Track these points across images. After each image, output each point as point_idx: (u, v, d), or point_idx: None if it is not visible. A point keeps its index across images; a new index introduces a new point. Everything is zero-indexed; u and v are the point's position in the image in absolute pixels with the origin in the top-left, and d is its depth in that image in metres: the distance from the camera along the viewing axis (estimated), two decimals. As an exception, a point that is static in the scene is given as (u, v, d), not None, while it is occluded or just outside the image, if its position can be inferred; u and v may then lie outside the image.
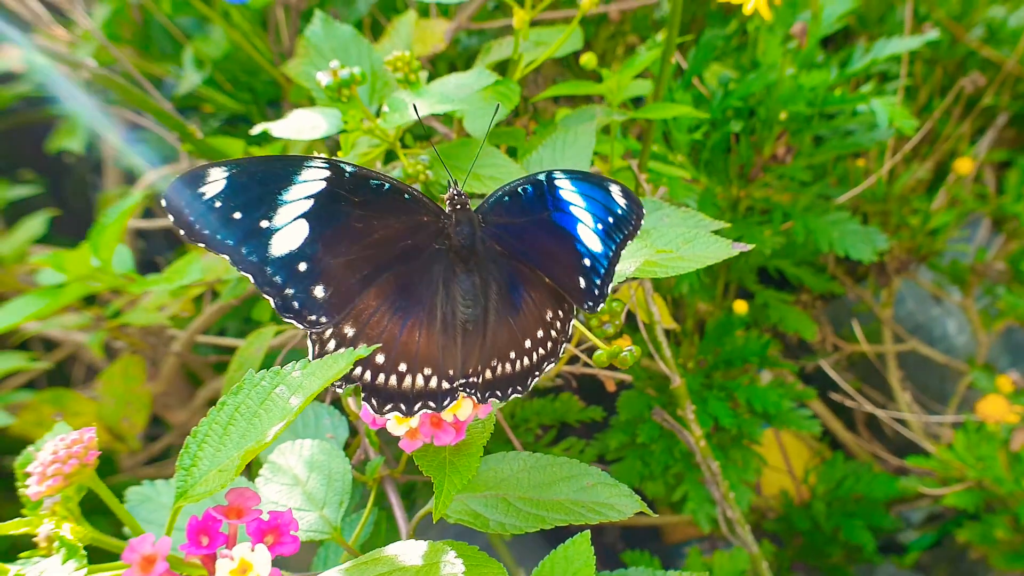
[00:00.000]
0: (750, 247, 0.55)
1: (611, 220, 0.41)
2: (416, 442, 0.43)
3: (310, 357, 0.40)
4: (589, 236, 0.42)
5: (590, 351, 0.67)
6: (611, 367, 0.84)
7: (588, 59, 0.77)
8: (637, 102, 0.87)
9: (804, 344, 1.23)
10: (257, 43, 1.00)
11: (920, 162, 1.01)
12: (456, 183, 0.47)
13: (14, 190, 1.04)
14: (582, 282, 0.42)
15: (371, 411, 0.42)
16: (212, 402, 1.11)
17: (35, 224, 0.95)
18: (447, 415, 0.42)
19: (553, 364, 0.44)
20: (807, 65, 0.85)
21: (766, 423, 0.98)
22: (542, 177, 0.43)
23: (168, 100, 1.00)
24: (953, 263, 1.15)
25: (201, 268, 0.69)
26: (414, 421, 0.42)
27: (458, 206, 0.45)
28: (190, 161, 1.05)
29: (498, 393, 0.42)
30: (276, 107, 1.20)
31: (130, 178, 1.32)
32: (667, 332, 0.86)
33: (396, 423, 0.42)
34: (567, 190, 0.43)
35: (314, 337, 0.41)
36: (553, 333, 0.43)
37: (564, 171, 0.43)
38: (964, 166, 0.99)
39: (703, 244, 0.55)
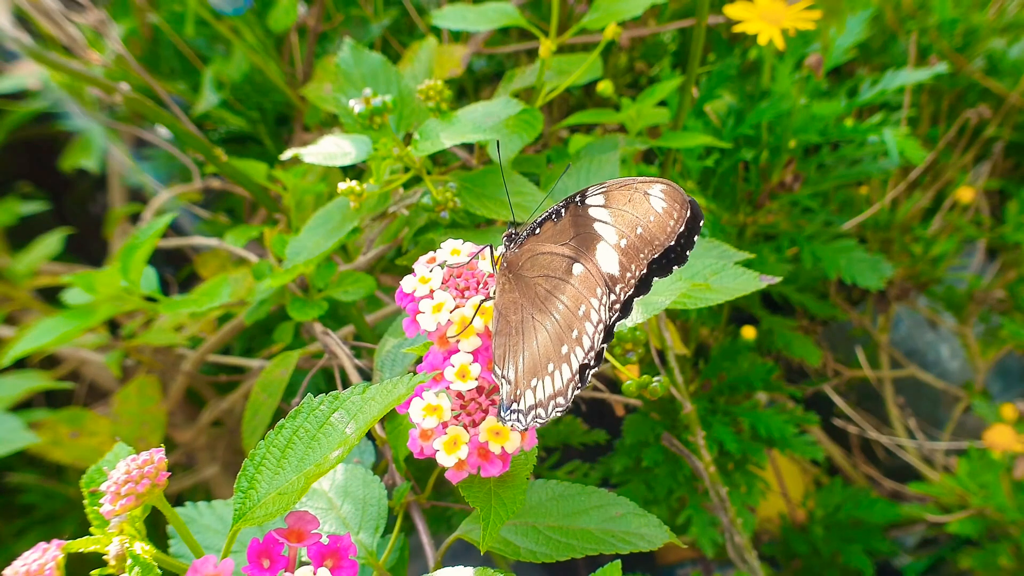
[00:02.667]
0: (777, 279, 0.56)
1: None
2: (462, 473, 0.44)
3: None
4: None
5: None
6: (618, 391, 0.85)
7: (605, 87, 0.78)
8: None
9: (801, 369, 1.25)
10: (271, 65, 1.01)
11: (922, 191, 1.03)
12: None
13: (24, 206, 1.04)
14: None
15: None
16: (217, 423, 1.12)
17: (51, 242, 0.95)
18: (495, 447, 0.43)
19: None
20: (817, 95, 0.87)
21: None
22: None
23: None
24: (948, 289, 1.17)
25: (231, 291, 0.69)
26: (462, 452, 0.43)
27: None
28: (204, 180, 1.05)
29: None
30: (284, 126, 1.21)
31: (135, 195, 1.32)
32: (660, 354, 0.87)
33: (445, 454, 0.43)
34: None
35: None
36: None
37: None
38: (966, 195, 1.01)
39: (731, 276, 0.56)
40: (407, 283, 0.46)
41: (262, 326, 0.94)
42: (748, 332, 0.93)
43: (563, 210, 0.44)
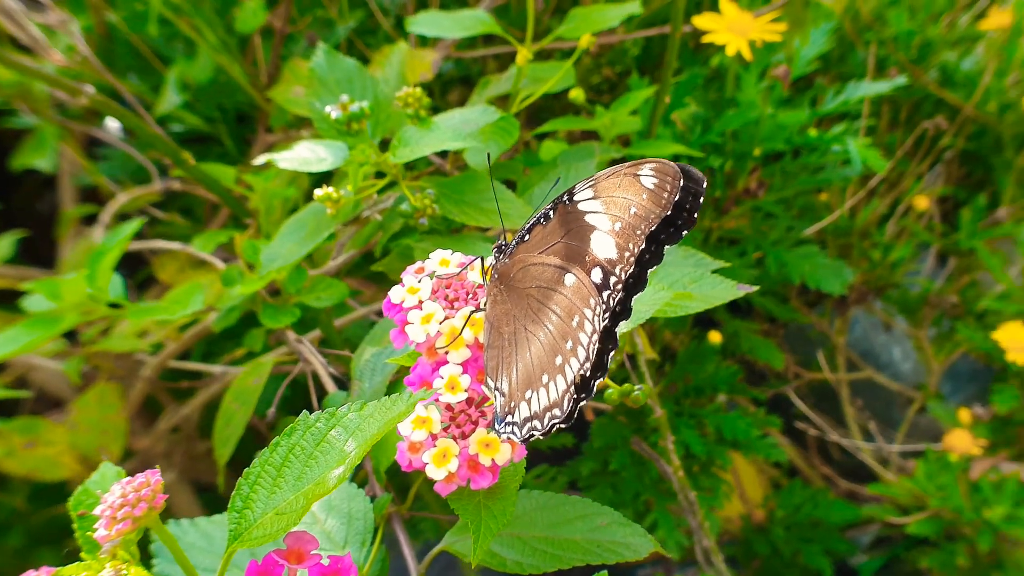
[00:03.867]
0: (754, 288, 0.57)
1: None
2: (451, 485, 0.43)
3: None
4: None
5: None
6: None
7: (577, 94, 0.78)
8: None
9: (761, 371, 1.27)
10: (235, 66, 0.99)
11: (879, 198, 1.05)
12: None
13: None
14: None
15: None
16: (175, 429, 1.10)
17: (2, 245, 0.92)
18: (485, 459, 0.43)
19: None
20: (781, 104, 0.89)
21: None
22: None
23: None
24: (903, 293, 1.20)
25: (207, 296, 0.68)
26: (452, 465, 0.42)
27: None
28: (165, 182, 1.03)
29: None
30: (245, 126, 1.19)
31: (87, 195, 1.29)
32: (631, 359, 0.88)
33: (435, 467, 0.42)
34: None
35: None
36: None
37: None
38: (922, 202, 1.03)
39: (709, 284, 0.57)
40: (395, 293, 0.45)
41: (225, 331, 0.93)
42: (715, 336, 0.94)
43: (551, 212, 0.44)
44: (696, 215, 0.42)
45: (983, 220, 1.05)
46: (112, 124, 1.21)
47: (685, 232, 0.42)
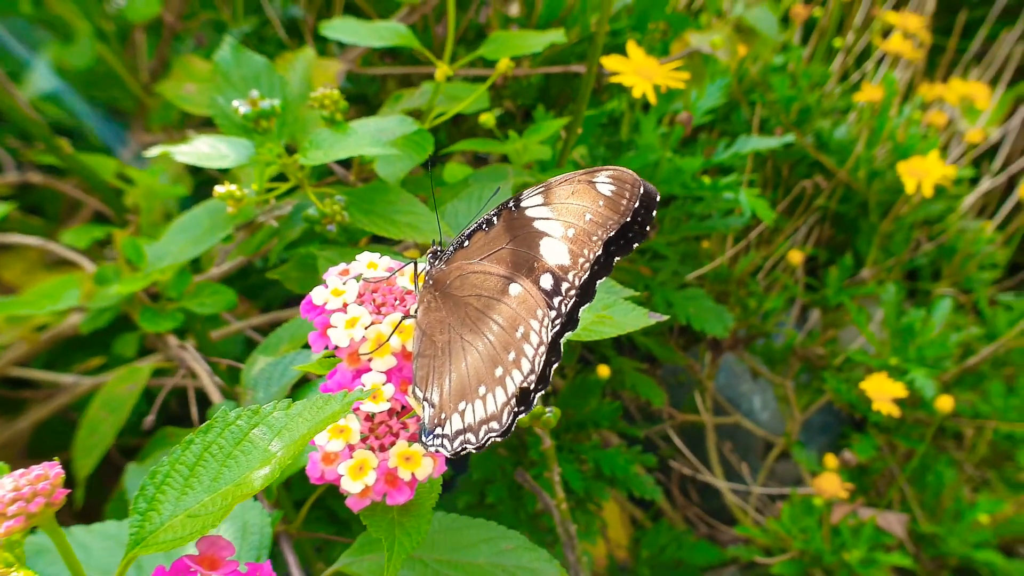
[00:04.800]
0: (665, 317, 0.57)
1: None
2: (365, 500, 0.41)
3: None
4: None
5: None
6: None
7: (487, 118, 0.78)
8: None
9: (634, 409, 1.29)
10: (116, 58, 0.94)
11: (756, 250, 1.10)
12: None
13: None
14: None
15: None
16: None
17: None
18: (404, 473, 0.40)
19: None
20: (679, 151, 0.91)
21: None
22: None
23: None
24: (768, 344, 1.25)
25: (80, 293, 0.62)
26: (370, 478, 0.40)
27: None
28: (22, 173, 0.95)
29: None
30: (116, 122, 1.12)
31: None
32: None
33: (351, 479, 0.40)
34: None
35: None
36: None
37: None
38: (795, 257, 1.09)
39: (622, 311, 0.57)
40: (317, 294, 0.42)
41: (75, 341, 0.85)
42: (603, 370, 0.95)
43: (495, 218, 0.42)
44: (648, 228, 0.41)
45: (848, 279, 1.11)
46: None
47: (636, 244, 0.42)
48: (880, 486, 1.04)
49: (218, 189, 0.58)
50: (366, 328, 0.41)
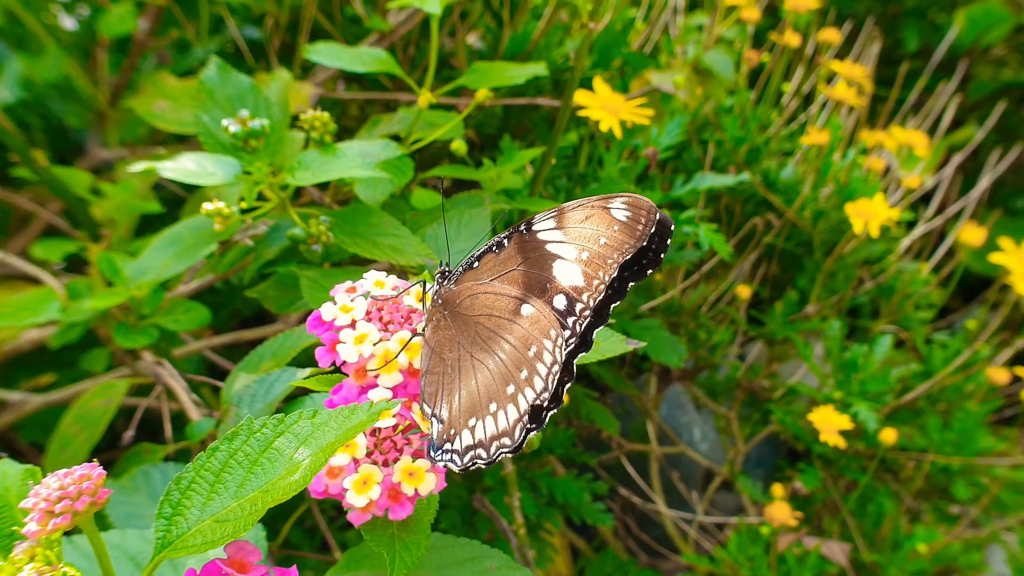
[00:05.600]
0: (642, 344, 0.59)
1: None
2: (367, 515, 0.41)
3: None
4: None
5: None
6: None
7: (459, 146, 0.80)
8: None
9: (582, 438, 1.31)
10: (82, 73, 0.93)
11: (705, 283, 1.14)
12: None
13: None
14: None
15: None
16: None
17: None
18: (407, 488, 0.41)
19: None
20: (641, 184, 0.94)
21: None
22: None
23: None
24: (710, 376, 1.28)
25: (59, 307, 0.61)
26: (374, 492, 0.40)
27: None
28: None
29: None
30: (66, 140, 1.10)
31: None
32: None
33: (355, 493, 0.40)
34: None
35: None
36: None
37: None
38: (744, 292, 1.12)
39: (602, 336, 0.59)
40: (327, 310, 0.43)
41: (20, 357, 0.83)
42: (563, 398, 0.96)
43: (506, 240, 0.44)
44: (663, 256, 0.43)
45: (793, 314, 1.16)
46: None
47: (650, 271, 0.43)
48: (821, 516, 1.08)
49: (206, 206, 0.58)
50: (374, 345, 0.42)
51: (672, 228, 0.43)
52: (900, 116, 1.27)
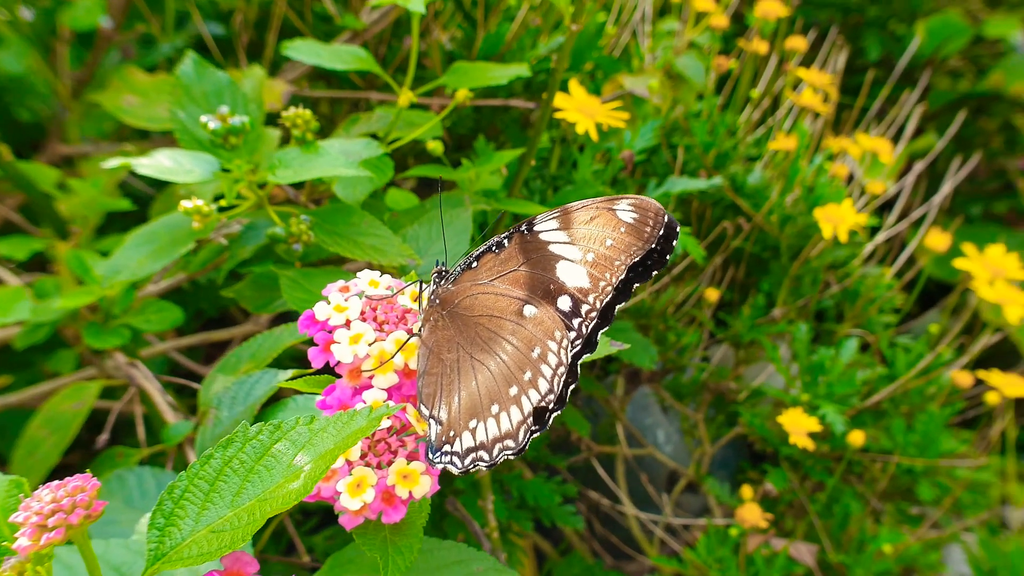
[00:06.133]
0: (626, 346, 0.59)
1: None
2: (359, 518, 0.41)
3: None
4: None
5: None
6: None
7: (435, 146, 0.79)
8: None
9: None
10: (44, 66, 0.90)
11: (675, 286, 1.14)
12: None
13: None
14: None
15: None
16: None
17: None
18: (402, 491, 0.41)
19: None
20: (615, 187, 0.94)
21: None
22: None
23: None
24: (675, 378, 1.29)
25: (30, 308, 0.59)
26: (368, 495, 0.40)
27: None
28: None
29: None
30: (24, 132, 1.07)
31: None
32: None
33: (349, 496, 0.39)
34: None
35: None
36: None
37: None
38: (712, 295, 1.13)
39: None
40: (320, 309, 0.42)
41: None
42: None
43: (506, 240, 0.43)
44: (667, 257, 0.43)
45: (760, 317, 1.17)
46: None
47: (655, 272, 0.43)
48: (786, 516, 1.09)
49: (184, 204, 0.57)
50: (370, 345, 0.41)
51: (678, 230, 0.43)
52: (864, 124, 1.30)
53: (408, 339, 0.42)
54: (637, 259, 0.43)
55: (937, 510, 1.06)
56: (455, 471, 0.41)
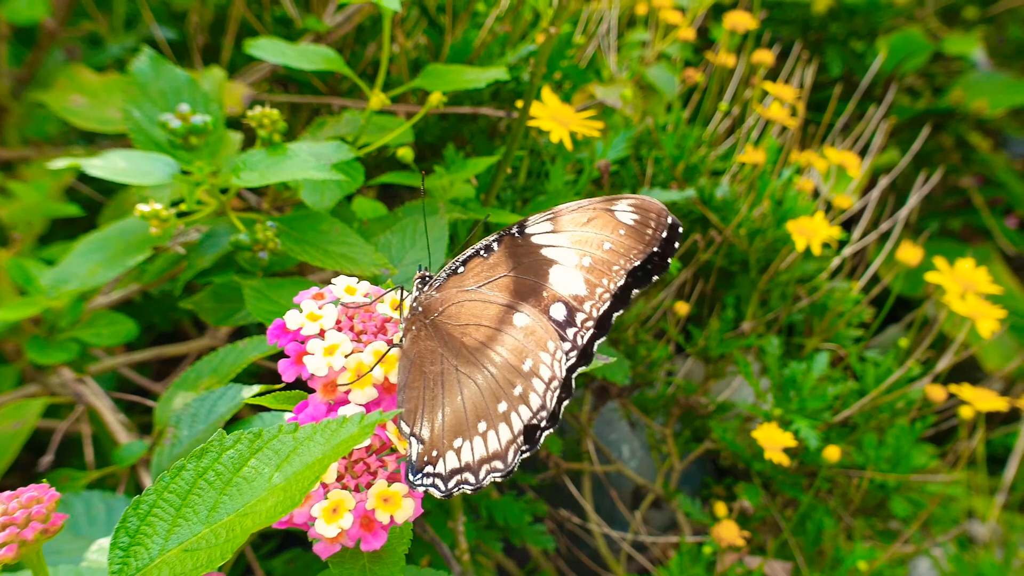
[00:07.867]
0: (612, 359, 0.57)
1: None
2: (335, 546, 0.37)
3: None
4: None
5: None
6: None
7: (405, 152, 0.76)
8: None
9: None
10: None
11: (645, 299, 1.12)
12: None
13: None
14: None
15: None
16: None
17: None
18: (382, 516, 0.37)
19: None
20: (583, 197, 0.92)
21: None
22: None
23: None
24: (641, 393, 1.27)
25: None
26: (345, 521, 0.36)
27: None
28: None
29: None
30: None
31: None
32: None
33: (325, 523, 0.36)
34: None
35: None
36: None
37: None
38: (682, 308, 1.11)
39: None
40: (292, 318, 0.39)
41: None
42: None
43: (495, 243, 0.40)
44: (669, 260, 0.40)
45: (729, 331, 1.15)
46: None
47: (655, 277, 0.40)
48: (760, 533, 1.07)
49: (141, 208, 0.53)
50: (346, 356, 0.38)
51: (681, 232, 0.40)
52: (830, 139, 1.29)
53: (388, 350, 0.39)
54: (637, 263, 0.40)
55: (911, 526, 1.05)
56: (437, 494, 0.37)
